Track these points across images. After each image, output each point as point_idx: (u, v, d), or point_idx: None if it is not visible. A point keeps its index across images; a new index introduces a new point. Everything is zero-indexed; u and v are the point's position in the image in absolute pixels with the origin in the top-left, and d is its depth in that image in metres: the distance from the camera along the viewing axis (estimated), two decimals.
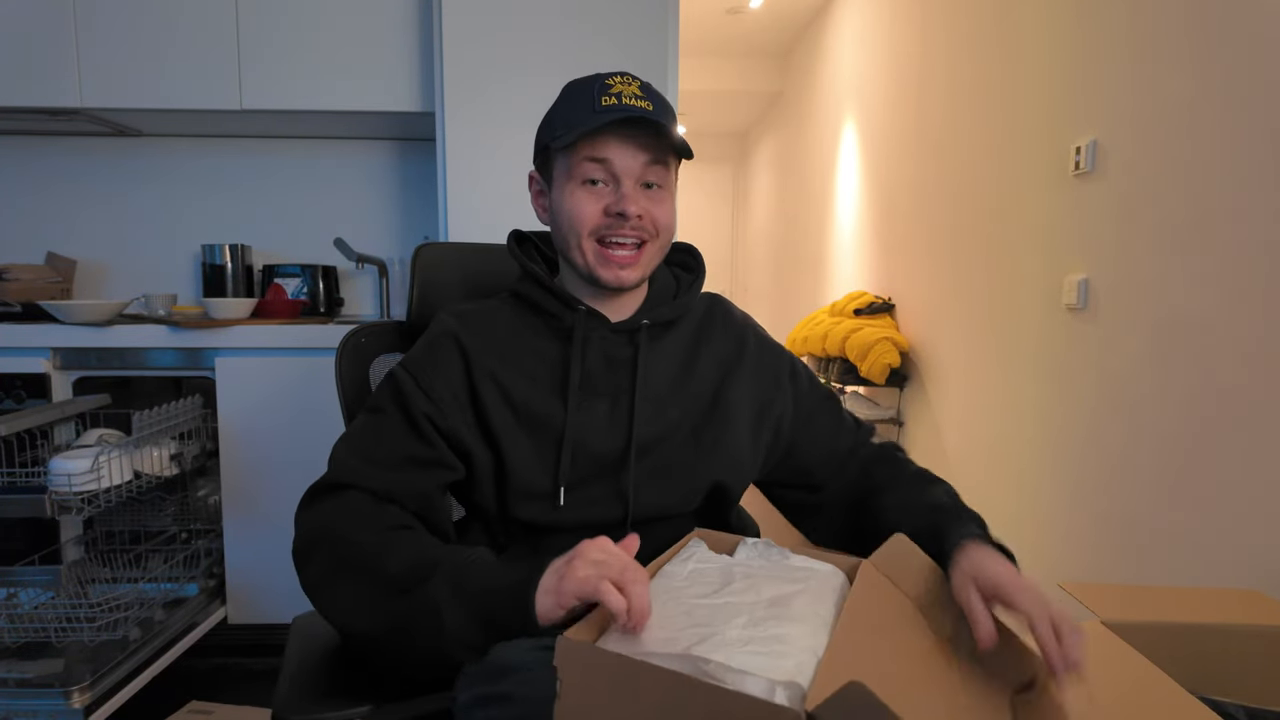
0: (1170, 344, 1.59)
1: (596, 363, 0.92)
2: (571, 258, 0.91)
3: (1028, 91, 2.15)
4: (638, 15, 1.98)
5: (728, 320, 1.02)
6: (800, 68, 4.84)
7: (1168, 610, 1.07)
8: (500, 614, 0.71)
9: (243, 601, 1.99)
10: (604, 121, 0.84)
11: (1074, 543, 1.91)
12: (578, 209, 0.87)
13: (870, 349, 2.85)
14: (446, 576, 0.73)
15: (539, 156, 0.94)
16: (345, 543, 0.79)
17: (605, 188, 0.87)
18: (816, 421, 1.02)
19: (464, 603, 0.72)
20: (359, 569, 0.77)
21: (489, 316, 0.95)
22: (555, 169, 0.91)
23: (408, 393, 0.88)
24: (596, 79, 0.89)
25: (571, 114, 0.88)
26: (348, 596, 0.77)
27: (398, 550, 0.77)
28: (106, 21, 2.05)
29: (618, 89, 0.86)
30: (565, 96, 0.92)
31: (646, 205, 0.87)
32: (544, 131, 0.92)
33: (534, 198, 0.97)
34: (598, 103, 0.86)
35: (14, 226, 2.43)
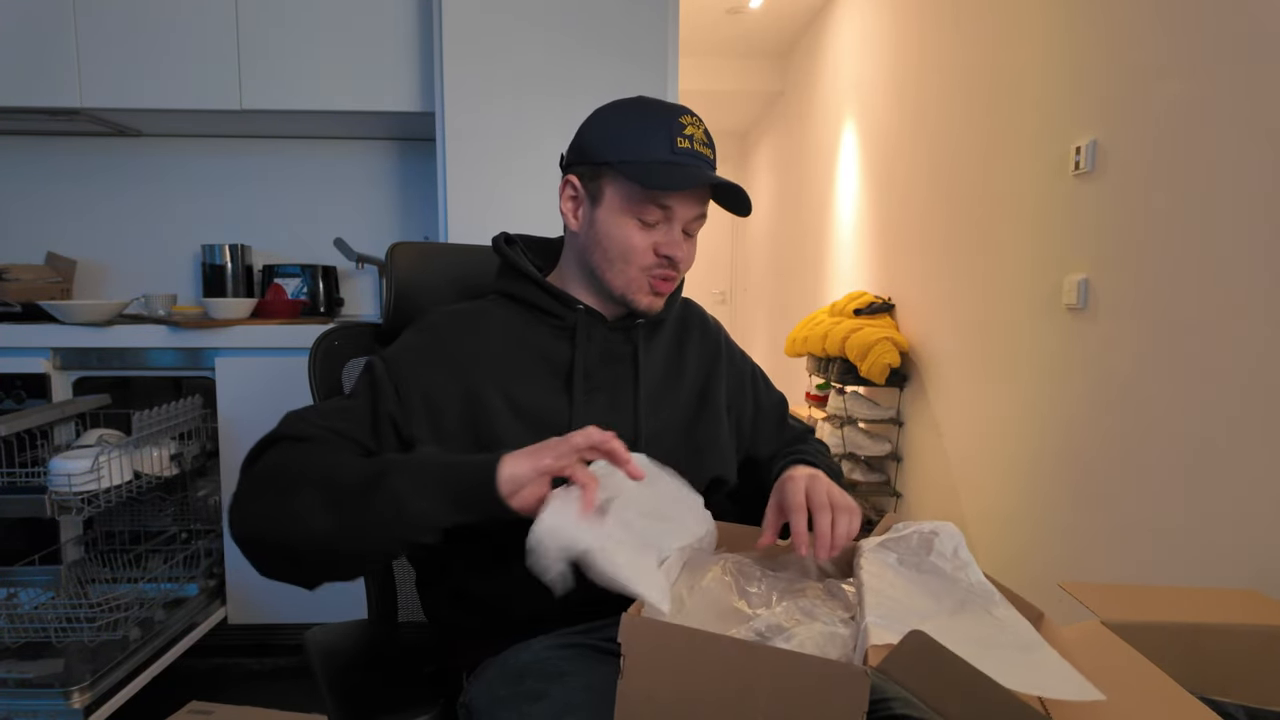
0: (1170, 344, 1.59)
1: (596, 359, 0.94)
2: (607, 276, 0.92)
3: (1028, 91, 2.15)
4: (638, 15, 1.98)
5: (704, 324, 1.07)
6: (800, 68, 4.84)
7: (1168, 610, 1.07)
8: (464, 486, 0.73)
9: (243, 601, 1.99)
10: (694, 184, 0.87)
11: (1074, 542, 1.91)
12: (631, 241, 0.90)
13: (870, 349, 2.85)
14: (402, 468, 0.74)
15: (585, 167, 0.91)
16: (286, 466, 0.79)
17: (658, 227, 0.90)
18: (769, 423, 1.08)
19: (425, 485, 0.73)
20: (307, 483, 0.76)
21: (480, 317, 0.95)
22: (609, 190, 0.90)
23: (380, 388, 0.87)
24: (669, 113, 0.89)
25: (645, 145, 0.87)
26: (293, 507, 0.75)
27: (346, 464, 0.78)
28: (106, 21, 2.05)
29: (690, 131, 0.89)
30: (634, 118, 0.90)
31: (688, 251, 0.93)
32: (602, 147, 0.90)
33: (566, 202, 0.94)
34: (675, 144, 0.87)
35: (14, 226, 2.43)
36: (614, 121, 0.91)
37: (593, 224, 0.91)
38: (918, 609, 0.78)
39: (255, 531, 0.77)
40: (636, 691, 0.61)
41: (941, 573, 0.85)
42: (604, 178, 0.90)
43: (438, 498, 0.72)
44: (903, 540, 0.91)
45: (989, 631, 0.76)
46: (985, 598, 0.82)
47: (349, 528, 0.73)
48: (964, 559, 0.88)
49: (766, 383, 1.10)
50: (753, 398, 1.07)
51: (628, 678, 0.60)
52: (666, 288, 0.94)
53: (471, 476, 0.73)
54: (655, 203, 0.88)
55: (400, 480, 0.73)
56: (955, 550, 0.89)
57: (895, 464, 3.07)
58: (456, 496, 0.73)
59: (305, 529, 0.74)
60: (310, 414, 0.86)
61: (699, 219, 0.92)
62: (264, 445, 0.83)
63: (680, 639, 0.62)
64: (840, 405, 3.11)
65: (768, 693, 0.58)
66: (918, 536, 0.90)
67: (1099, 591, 1.11)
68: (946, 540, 0.89)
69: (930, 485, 2.79)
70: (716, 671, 0.60)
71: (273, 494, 0.77)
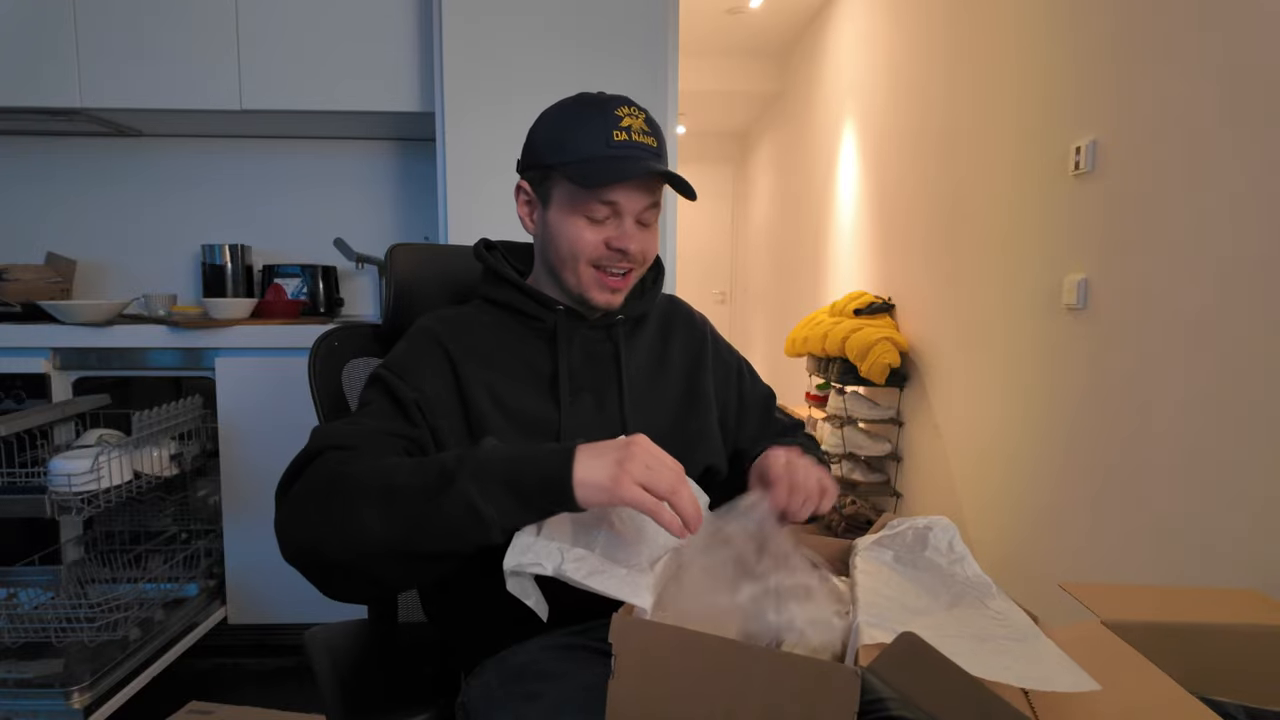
0: (1170, 344, 1.59)
1: (578, 360, 0.95)
2: (564, 277, 0.93)
3: (1028, 91, 2.15)
4: (638, 15, 1.98)
5: (689, 318, 1.08)
6: (800, 68, 4.84)
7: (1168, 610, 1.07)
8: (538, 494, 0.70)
9: (243, 602, 1.99)
10: (630, 176, 0.87)
11: (1074, 542, 1.91)
12: (582, 239, 0.90)
13: (870, 349, 2.85)
14: (468, 471, 0.70)
15: (534, 171, 0.93)
16: (338, 478, 0.74)
17: (607, 222, 0.90)
18: (753, 416, 1.08)
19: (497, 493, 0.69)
20: (366, 493, 0.71)
21: (468, 321, 0.96)
22: (555, 192, 0.91)
23: (394, 385, 0.86)
24: (602, 105, 0.89)
25: (582, 143, 0.88)
26: (359, 521, 0.70)
27: (398, 467, 0.74)
28: (106, 21, 2.05)
29: (627, 123, 0.88)
30: (571, 118, 0.91)
31: (642, 242, 0.92)
32: (547, 150, 0.91)
33: (521, 207, 0.96)
34: (610, 138, 0.87)
35: (14, 226, 2.43)
36: (555, 123, 0.92)
37: (546, 225, 0.93)
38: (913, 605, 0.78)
39: (313, 550, 0.73)
40: (627, 692, 0.60)
41: (937, 567, 0.86)
42: (550, 180, 0.91)
43: (506, 499, 0.69)
44: (898, 537, 0.91)
45: (986, 624, 0.77)
46: (981, 590, 0.83)
47: (418, 537, 0.70)
48: (959, 552, 0.89)
49: (754, 376, 1.11)
50: (738, 390, 1.07)
51: (619, 678, 0.60)
52: (621, 283, 0.93)
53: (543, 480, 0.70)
54: (598, 199, 0.88)
55: (468, 483, 0.69)
56: (950, 544, 0.89)
57: (895, 464, 3.07)
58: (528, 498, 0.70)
59: (369, 541, 0.70)
60: (340, 425, 0.84)
61: (651, 208, 0.92)
62: (305, 460, 0.79)
63: (671, 639, 0.62)
64: (840, 405, 3.11)
65: (760, 693, 0.58)
66: (913, 532, 0.91)
67: (1099, 591, 1.11)
68: (941, 534, 0.90)
69: (930, 485, 2.79)
70: (708, 672, 0.60)
71: (328, 508, 0.72)
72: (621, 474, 0.68)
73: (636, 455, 0.69)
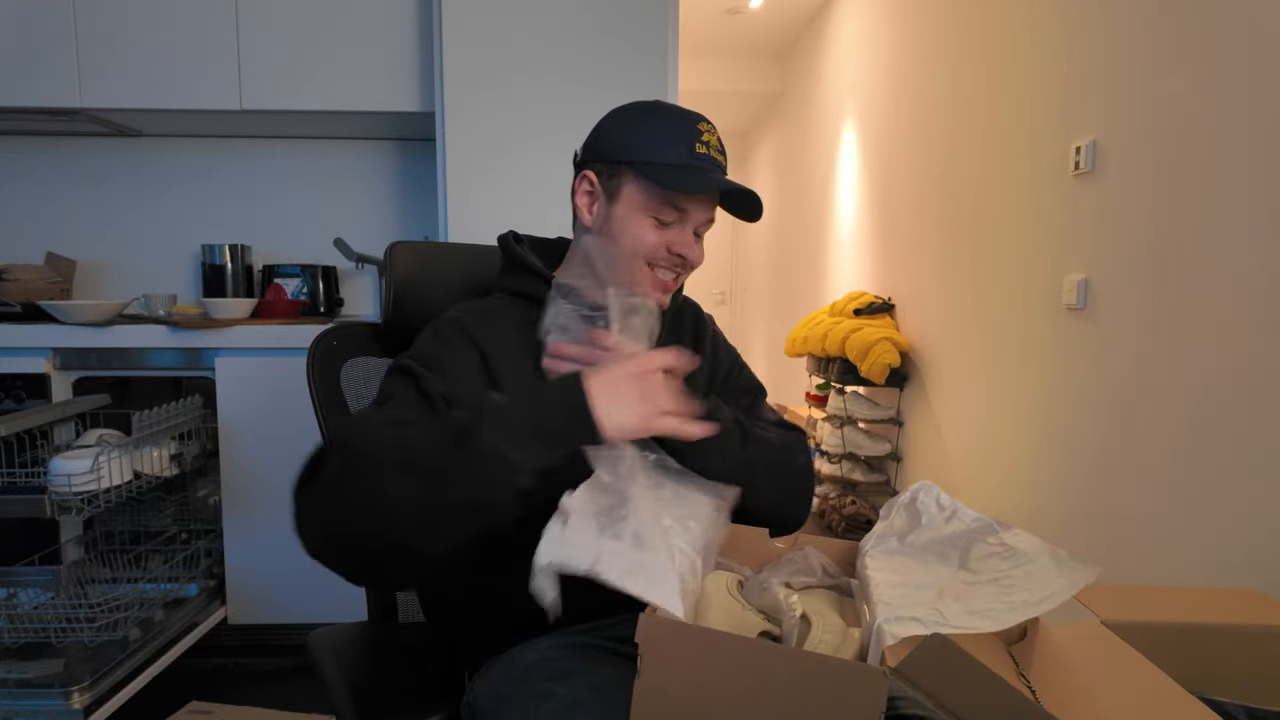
0: (1170, 344, 1.59)
1: None
2: (618, 271, 0.95)
3: (1028, 91, 2.15)
4: (638, 15, 1.98)
5: (696, 313, 1.12)
6: (800, 68, 4.84)
7: (1168, 610, 1.07)
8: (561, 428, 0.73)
9: (243, 601, 1.99)
10: (715, 189, 0.91)
11: (1074, 542, 1.90)
12: (646, 239, 0.92)
13: (870, 349, 2.85)
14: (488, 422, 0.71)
15: (604, 164, 0.93)
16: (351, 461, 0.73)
17: (672, 227, 0.93)
18: (742, 401, 1.09)
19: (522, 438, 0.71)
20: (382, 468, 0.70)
21: (492, 314, 0.96)
22: (626, 188, 0.92)
23: (421, 376, 0.86)
24: (688, 119, 0.92)
25: (666, 147, 0.90)
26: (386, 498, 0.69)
27: (408, 436, 0.73)
28: (106, 21, 2.05)
29: (708, 137, 0.92)
30: (653, 121, 0.93)
31: (698, 252, 0.96)
32: (621, 147, 0.92)
33: (582, 197, 0.96)
34: (694, 149, 0.90)
35: (14, 226, 2.43)
36: (634, 123, 0.94)
37: (608, 220, 0.93)
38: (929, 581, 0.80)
39: (339, 535, 0.72)
40: (653, 690, 0.61)
41: (937, 531, 0.88)
42: (622, 176, 0.92)
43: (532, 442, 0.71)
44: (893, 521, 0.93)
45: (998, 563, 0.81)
46: (983, 530, 0.86)
47: (447, 492, 0.69)
48: (949, 506, 0.91)
49: (746, 371, 1.14)
50: (725, 382, 1.10)
51: (644, 676, 0.60)
52: (674, 285, 0.97)
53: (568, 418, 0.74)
54: (672, 204, 0.91)
55: (490, 432, 0.70)
56: (937, 501, 0.92)
57: (895, 464, 3.07)
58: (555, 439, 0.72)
59: (397, 506, 0.69)
60: (363, 416, 0.85)
61: (709, 222, 0.96)
62: (320, 455, 0.77)
63: (697, 638, 0.62)
64: (840, 405, 3.11)
65: (785, 692, 0.58)
66: (902, 509, 0.93)
67: (1099, 591, 1.11)
68: (926, 497, 0.93)
69: None
70: (733, 671, 0.60)
71: (349, 489, 0.71)
72: (646, 406, 0.75)
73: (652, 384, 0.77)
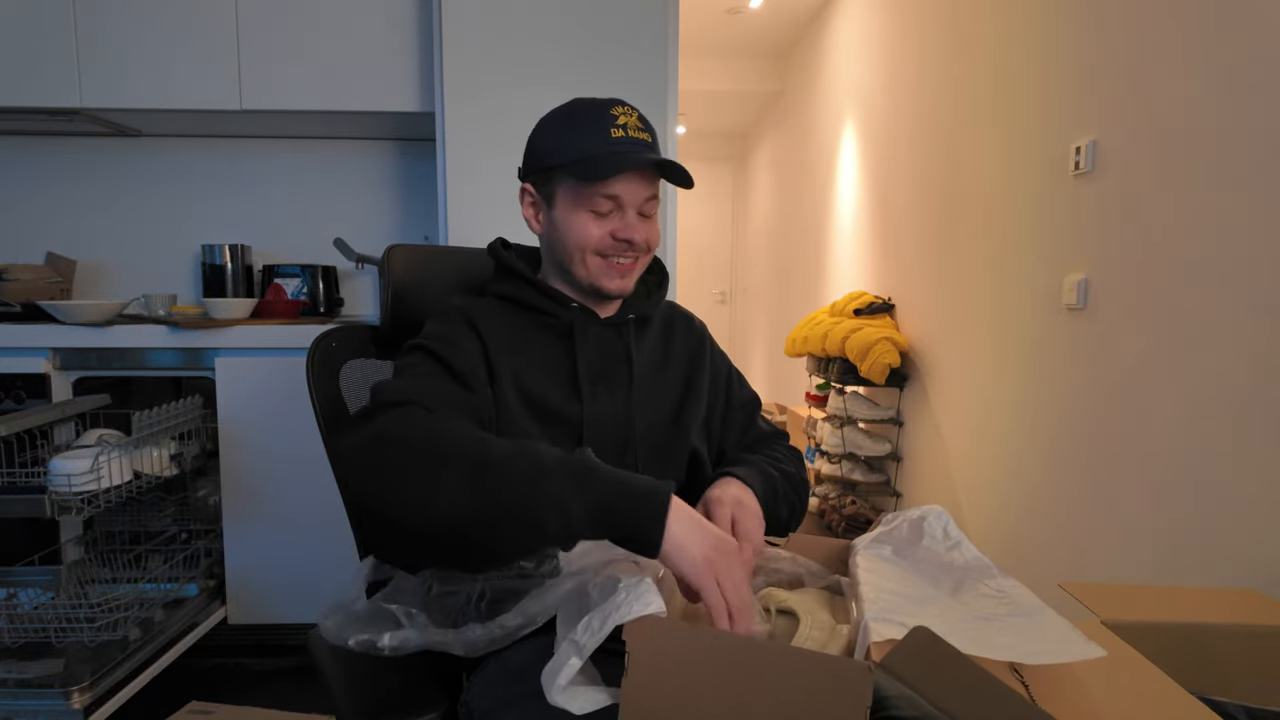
0: (1170, 344, 1.59)
1: (593, 355, 1.00)
2: (573, 270, 0.98)
3: (1028, 91, 2.15)
4: (638, 15, 1.98)
5: (689, 321, 1.14)
6: (800, 68, 4.84)
7: (1168, 610, 1.07)
8: (627, 523, 0.72)
9: (243, 602, 1.99)
10: (630, 167, 0.91)
11: (1073, 542, 1.91)
12: (588, 232, 0.95)
13: (870, 349, 2.85)
14: (569, 471, 0.72)
15: (537, 174, 0.98)
16: (429, 435, 0.75)
17: (611, 215, 0.95)
18: (737, 419, 1.13)
19: (591, 501, 0.71)
20: (455, 457, 0.72)
21: (489, 311, 1.00)
22: (559, 191, 0.96)
23: (443, 356, 0.90)
24: (599, 107, 0.95)
25: (582, 142, 0.93)
26: (444, 483, 0.71)
27: (493, 442, 0.74)
28: (106, 21, 2.05)
29: (622, 120, 0.94)
30: (568, 120, 0.96)
31: (645, 231, 0.97)
32: (548, 152, 0.96)
33: (527, 209, 1.01)
34: (608, 134, 0.92)
35: (14, 226, 2.43)
36: (555, 127, 0.97)
37: (553, 225, 0.97)
38: (916, 596, 0.79)
39: (384, 503, 0.73)
40: (642, 690, 0.61)
41: (935, 556, 0.87)
42: (554, 180, 0.96)
43: (597, 511, 0.71)
44: (894, 531, 0.92)
45: (989, 605, 0.77)
46: (981, 571, 0.84)
47: (498, 517, 0.71)
48: (955, 537, 0.90)
49: (741, 382, 1.17)
50: (725, 393, 1.12)
51: (632, 676, 0.60)
52: (632, 268, 0.98)
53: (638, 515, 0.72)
54: (601, 193, 0.93)
55: (565, 481, 0.71)
56: (945, 530, 0.91)
57: (895, 464, 3.07)
58: (615, 521, 0.72)
59: (448, 508, 0.71)
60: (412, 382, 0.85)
61: (651, 200, 0.97)
62: (381, 406, 0.79)
63: (684, 637, 0.63)
64: (840, 405, 3.11)
65: (772, 689, 0.58)
66: (907, 524, 0.92)
67: (1099, 591, 1.11)
68: (935, 522, 0.91)
69: (930, 485, 2.79)
70: (721, 668, 0.60)
71: (418, 463, 0.73)
72: (713, 561, 0.72)
73: (729, 556, 0.73)
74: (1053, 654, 0.69)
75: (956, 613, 0.75)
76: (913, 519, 0.93)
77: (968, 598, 0.80)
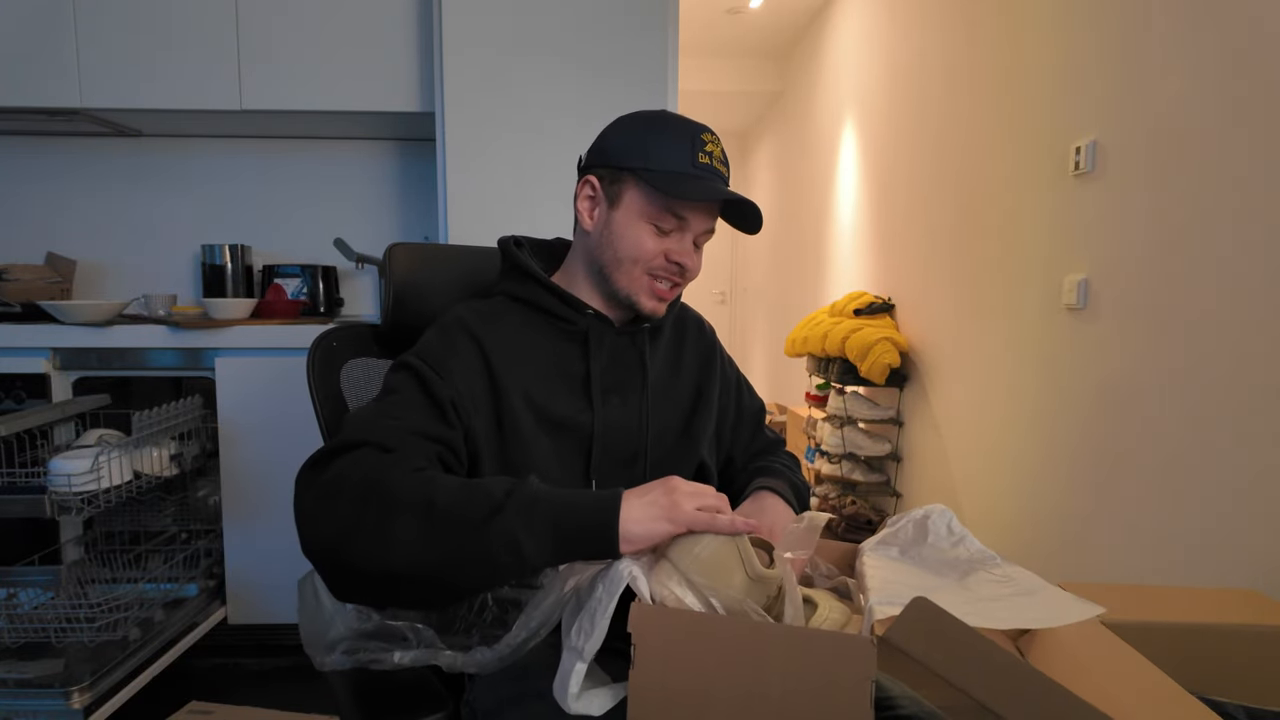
0: (1170, 344, 1.59)
1: (607, 362, 0.97)
2: (614, 277, 0.94)
3: (1028, 91, 2.15)
4: (638, 15, 1.98)
5: (700, 325, 1.12)
6: (800, 68, 4.84)
7: (1168, 610, 1.07)
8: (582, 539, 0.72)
9: (243, 602, 1.99)
10: (715, 197, 0.90)
11: (1074, 542, 1.91)
12: (645, 246, 0.92)
13: (870, 349, 2.85)
14: (515, 505, 0.71)
15: (606, 170, 0.93)
16: (377, 484, 0.73)
17: (671, 235, 0.93)
18: (746, 428, 1.13)
19: (541, 531, 0.71)
20: (402, 506, 0.71)
21: (499, 315, 0.96)
22: (627, 195, 0.92)
23: (428, 379, 0.86)
24: (693, 129, 0.92)
25: (668, 155, 0.90)
26: (394, 534, 0.70)
27: (440, 485, 0.73)
28: (106, 21, 2.05)
29: (711, 148, 0.92)
30: (658, 129, 0.92)
31: (697, 261, 0.96)
32: (624, 153, 0.92)
33: (583, 202, 0.96)
34: (696, 159, 0.90)
35: (14, 226, 2.43)
36: (639, 130, 0.93)
37: (608, 225, 0.93)
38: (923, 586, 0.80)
39: (336, 550, 0.72)
40: (649, 680, 0.61)
41: (941, 552, 0.88)
42: (625, 182, 0.92)
43: (550, 539, 0.71)
44: (899, 532, 0.93)
45: (995, 587, 0.80)
46: (987, 561, 0.85)
47: (452, 561, 0.70)
48: (958, 533, 0.91)
49: (750, 390, 1.17)
50: (735, 402, 1.12)
51: (639, 667, 0.61)
52: (671, 294, 0.96)
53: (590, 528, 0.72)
54: (673, 212, 0.91)
55: (514, 517, 0.70)
56: (949, 527, 0.92)
57: (895, 464, 3.07)
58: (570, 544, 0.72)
59: (401, 555, 0.70)
60: (378, 417, 0.82)
61: (708, 232, 0.96)
62: (341, 449, 0.77)
63: (689, 624, 0.63)
64: (840, 405, 3.11)
65: (778, 669, 0.59)
66: (912, 524, 0.93)
67: (1099, 591, 1.11)
68: (939, 519, 0.92)
69: (930, 485, 2.79)
70: (727, 653, 0.60)
71: (364, 511, 0.72)
72: (673, 503, 0.72)
73: (680, 487, 0.74)
74: (1053, 619, 0.72)
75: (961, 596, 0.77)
76: (917, 518, 0.94)
77: (972, 583, 0.81)
